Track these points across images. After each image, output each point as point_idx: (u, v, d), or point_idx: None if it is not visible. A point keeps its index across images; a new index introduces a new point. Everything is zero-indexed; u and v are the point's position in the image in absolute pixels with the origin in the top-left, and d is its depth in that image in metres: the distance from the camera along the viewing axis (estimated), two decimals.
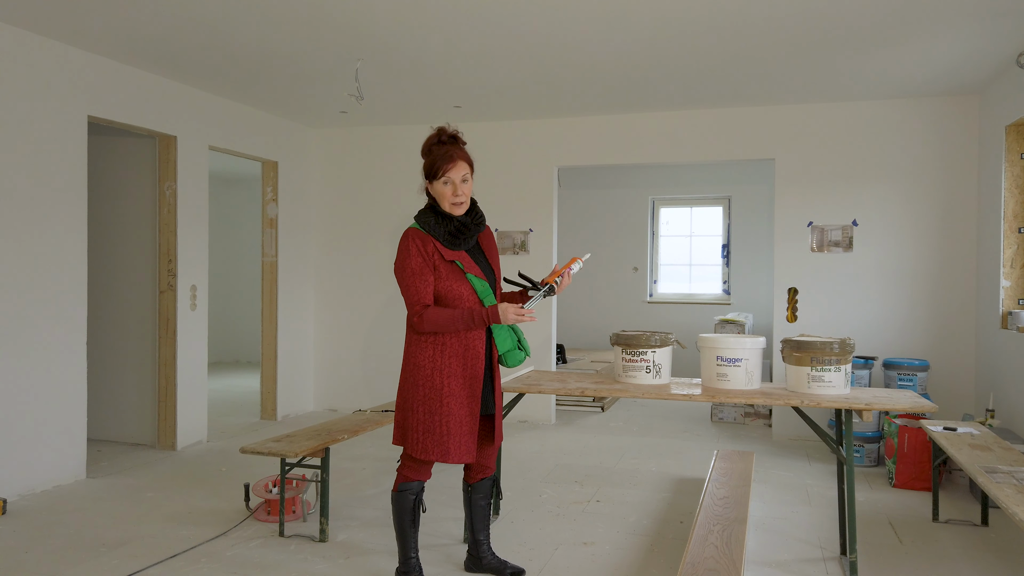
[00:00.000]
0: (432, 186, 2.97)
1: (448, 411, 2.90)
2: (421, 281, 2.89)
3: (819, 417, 5.78)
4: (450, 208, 2.95)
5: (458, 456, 2.92)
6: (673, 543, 3.67)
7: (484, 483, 3.23)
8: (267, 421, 6.63)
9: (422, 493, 3.08)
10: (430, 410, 2.91)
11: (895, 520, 4.05)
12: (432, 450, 2.90)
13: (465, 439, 2.94)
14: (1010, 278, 5.06)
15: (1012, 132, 5.01)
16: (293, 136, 6.85)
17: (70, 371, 4.69)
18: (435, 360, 2.93)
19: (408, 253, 2.90)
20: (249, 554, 3.50)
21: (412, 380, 2.95)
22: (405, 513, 3.04)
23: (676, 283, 9.54)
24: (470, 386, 2.96)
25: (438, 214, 2.97)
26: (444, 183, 2.94)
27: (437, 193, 2.96)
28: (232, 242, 10.42)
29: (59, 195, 4.60)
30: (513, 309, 2.85)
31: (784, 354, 3.41)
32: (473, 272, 2.97)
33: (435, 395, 2.91)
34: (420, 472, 3.04)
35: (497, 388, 3.12)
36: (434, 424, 2.90)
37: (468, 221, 2.99)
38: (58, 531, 3.79)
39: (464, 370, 2.95)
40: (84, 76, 4.76)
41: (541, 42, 4.50)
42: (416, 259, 2.89)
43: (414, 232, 2.94)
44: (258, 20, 4.17)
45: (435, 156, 2.95)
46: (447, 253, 2.93)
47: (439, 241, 2.94)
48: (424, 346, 2.94)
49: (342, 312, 7.12)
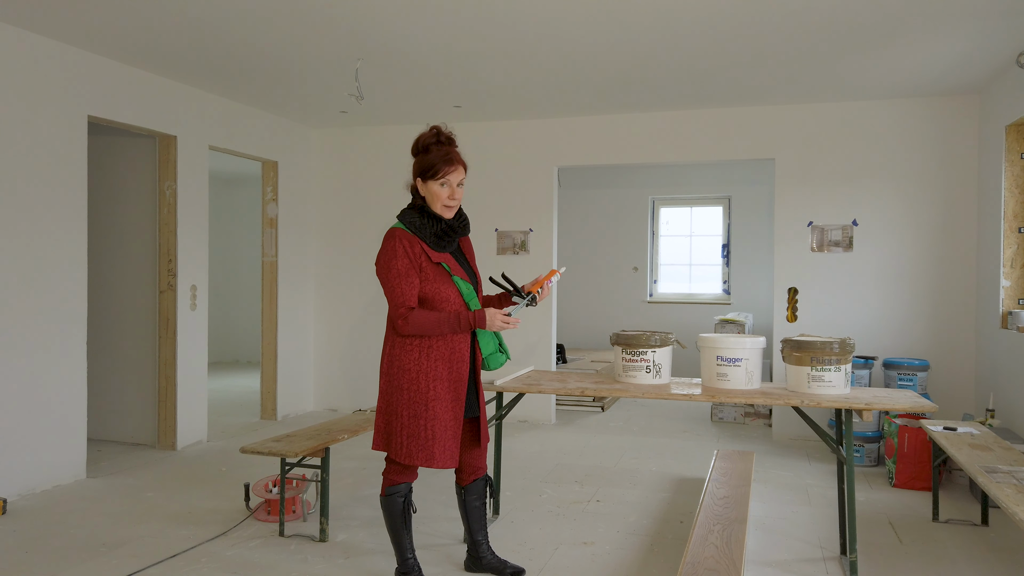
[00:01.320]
0: (426, 185, 2.94)
1: (433, 415, 2.87)
2: (407, 283, 2.84)
3: (819, 417, 5.78)
4: (442, 210, 2.93)
5: (443, 461, 2.89)
6: (673, 543, 3.67)
7: (477, 484, 3.21)
8: (267, 421, 6.63)
9: (410, 494, 3.06)
10: (415, 414, 2.87)
11: (895, 520, 4.05)
12: (417, 455, 2.87)
13: (449, 444, 2.91)
14: (1010, 278, 5.06)
15: (1012, 132, 5.01)
16: (293, 136, 6.85)
17: (70, 371, 4.69)
18: (420, 363, 2.89)
19: (394, 254, 2.85)
20: (249, 554, 3.51)
21: (396, 384, 2.90)
22: (396, 516, 3.03)
23: (676, 283, 9.54)
24: (455, 390, 2.94)
25: (426, 214, 2.94)
26: (441, 184, 2.91)
27: (431, 193, 2.93)
28: (232, 242, 10.42)
29: (59, 195, 4.61)
30: (500, 316, 2.86)
31: (784, 354, 3.42)
32: (459, 275, 2.95)
33: (420, 399, 2.87)
34: (405, 474, 3.03)
35: (480, 390, 3.12)
36: (418, 429, 2.87)
37: (455, 224, 2.97)
38: (58, 531, 3.80)
39: (450, 374, 2.92)
40: (84, 76, 4.76)
41: (541, 42, 4.50)
42: (402, 260, 2.84)
43: (400, 232, 2.90)
44: (258, 20, 4.17)
45: (434, 156, 2.91)
46: (433, 255, 2.90)
47: (425, 242, 2.91)
48: (409, 349, 2.90)
49: (342, 312, 7.12)
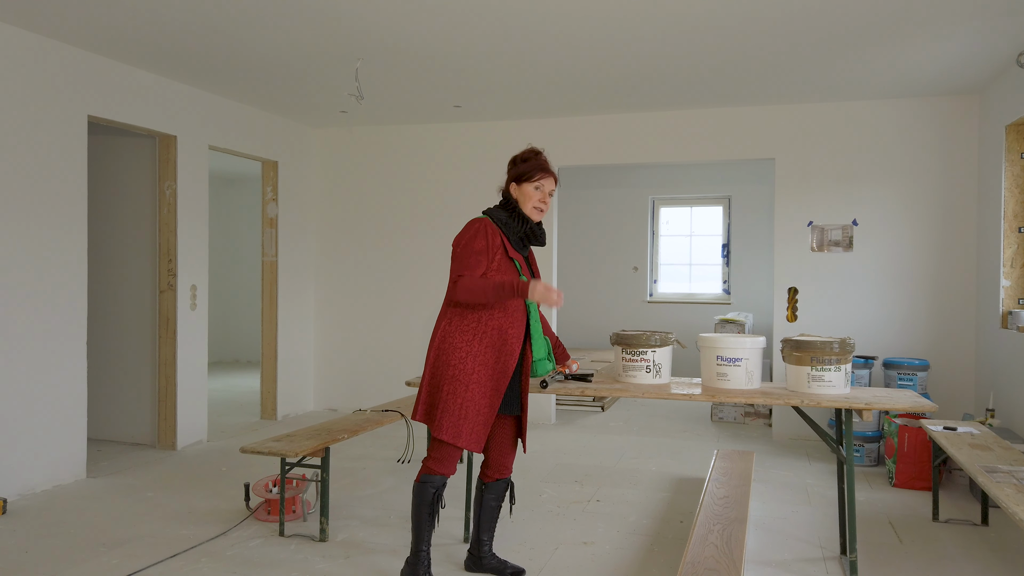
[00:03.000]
0: (520, 187, 3.10)
1: (471, 396, 2.93)
2: (476, 260, 2.96)
3: (819, 417, 5.78)
4: (531, 212, 3.10)
5: (468, 441, 2.93)
6: (673, 543, 3.67)
7: (499, 484, 3.25)
8: (267, 421, 6.63)
9: (443, 488, 3.07)
10: (453, 391, 2.94)
11: (895, 520, 4.05)
12: (446, 429, 2.92)
13: (479, 428, 2.95)
14: (1010, 278, 5.06)
15: (1012, 132, 5.01)
16: (293, 136, 6.85)
17: (70, 371, 4.69)
18: (472, 345, 2.97)
19: (476, 235, 2.99)
20: (249, 554, 3.51)
21: (444, 359, 2.98)
22: (424, 505, 3.03)
23: (676, 283, 9.54)
24: (497, 380, 2.99)
25: (515, 214, 3.09)
26: (536, 188, 3.09)
27: (524, 194, 3.09)
28: (232, 242, 10.42)
29: (59, 195, 4.61)
30: (543, 284, 2.94)
31: (784, 354, 3.41)
32: (527, 276, 3.10)
33: (463, 378, 2.94)
34: (444, 466, 3.03)
35: (525, 391, 3.14)
36: (454, 405, 2.93)
37: (539, 230, 3.14)
38: (58, 531, 3.80)
39: (496, 363, 2.98)
40: (84, 76, 4.76)
41: (541, 42, 4.50)
42: (481, 242, 2.98)
43: (486, 222, 3.04)
44: (258, 20, 4.17)
45: (534, 163, 3.11)
46: (511, 251, 3.05)
47: (508, 238, 3.06)
48: (464, 329, 2.98)
49: (342, 312, 7.12)
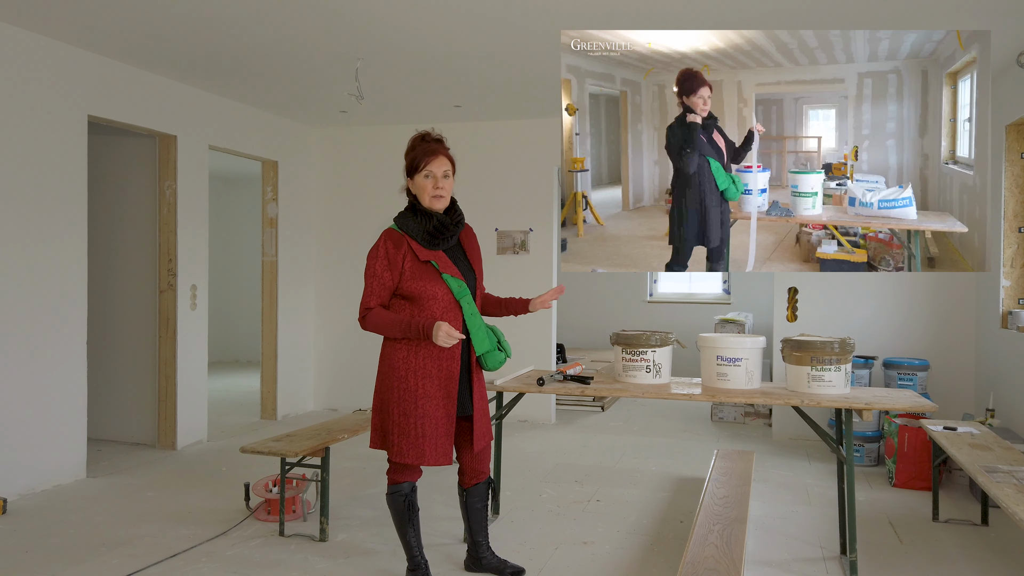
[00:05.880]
0: (412, 181, 3.01)
1: (423, 413, 2.90)
2: (378, 283, 2.91)
3: (819, 417, 5.78)
4: (430, 202, 2.96)
5: (434, 459, 2.91)
6: (673, 543, 3.67)
7: (479, 487, 3.22)
8: (267, 421, 6.63)
9: (413, 493, 3.07)
10: (404, 412, 2.90)
11: (895, 520, 4.05)
12: (408, 453, 2.90)
13: (441, 441, 2.92)
14: (1010, 278, 5.06)
15: (1012, 132, 5.01)
16: (293, 136, 6.85)
17: (70, 371, 4.69)
18: (409, 361, 2.92)
19: (375, 255, 2.93)
20: (249, 553, 3.51)
21: (387, 382, 2.95)
22: (399, 514, 3.05)
23: (676, 283, 9.54)
24: (445, 387, 2.94)
25: (418, 213, 2.98)
26: (425, 176, 2.96)
27: (417, 187, 2.99)
28: (232, 242, 10.41)
29: (59, 195, 4.61)
30: (445, 329, 2.79)
31: (784, 354, 3.41)
32: (449, 272, 2.96)
33: (410, 397, 2.90)
34: (405, 474, 3.04)
35: (477, 388, 3.06)
36: (409, 426, 2.90)
37: (447, 220, 2.98)
38: (58, 531, 3.80)
39: (439, 371, 2.93)
40: (84, 76, 4.76)
41: (541, 42, 4.50)
42: (381, 262, 2.91)
43: (389, 232, 2.97)
44: (258, 20, 4.17)
45: (417, 152, 2.99)
46: (422, 253, 2.93)
47: (416, 240, 2.94)
48: (398, 347, 2.94)
49: (342, 312, 7.12)
